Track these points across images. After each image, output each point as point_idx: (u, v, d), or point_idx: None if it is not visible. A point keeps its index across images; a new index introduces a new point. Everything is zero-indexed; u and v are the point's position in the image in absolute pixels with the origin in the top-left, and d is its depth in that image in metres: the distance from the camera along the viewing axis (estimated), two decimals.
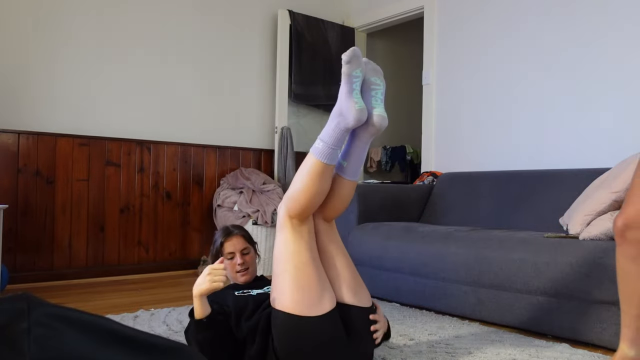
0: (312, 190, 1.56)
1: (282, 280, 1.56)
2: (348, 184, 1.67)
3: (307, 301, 1.51)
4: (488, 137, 3.53)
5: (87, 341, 0.55)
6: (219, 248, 1.85)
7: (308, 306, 1.51)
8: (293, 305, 1.51)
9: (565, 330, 2.03)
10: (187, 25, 3.94)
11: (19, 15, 3.25)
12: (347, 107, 1.51)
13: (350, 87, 1.52)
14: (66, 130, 3.41)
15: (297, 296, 1.51)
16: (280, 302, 1.53)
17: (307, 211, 1.60)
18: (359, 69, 1.53)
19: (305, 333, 1.50)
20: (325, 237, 1.70)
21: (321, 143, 1.57)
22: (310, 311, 1.50)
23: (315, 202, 1.59)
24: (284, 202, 1.62)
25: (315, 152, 1.56)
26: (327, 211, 1.70)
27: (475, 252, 2.33)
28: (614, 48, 2.91)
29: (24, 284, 3.20)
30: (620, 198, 2.14)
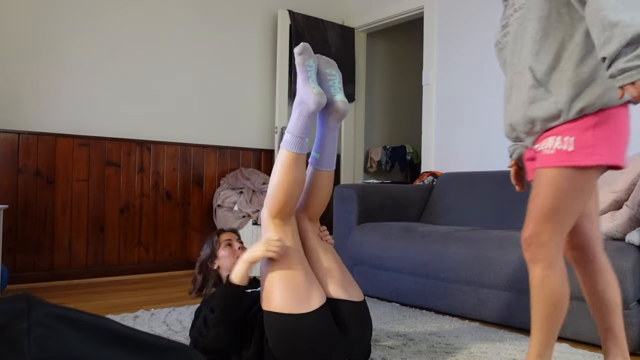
0: (287, 181, 1.62)
1: (270, 281, 1.58)
2: (325, 174, 1.75)
3: (296, 299, 1.53)
4: (488, 137, 3.53)
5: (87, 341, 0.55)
6: (216, 239, 1.92)
7: (297, 304, 1.52)
8: (283, 304, 1.52)
9: (566, 330, 2.03)
10: (187, 25, 3.94)
11: (19, 15, 3.25)
12: (306, 93, 1.63)
13: (305, 75, 1.66)
14: (66, 130, 3.41)
15: (286, 295, 1.53)
16: (270, 303, 1.55)
17: (287, 207, 1.63)
18: (311, 59, 1.69)
19: (297, 330, 1.51)
20: (312, 236, 1.74)
21: (288, 135, 1.65)
22: (300, 308, 1.52)
23: (293, 194, 1.64)
24: (265, 203, 1.67)
25: (285, 145, 1.65)
26: (310, 208, 1.76)
27: (475, 252, 2.33)
28: None
29: (24, 284, 3.20)
30: (620, 198, 2.14)
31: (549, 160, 1.35)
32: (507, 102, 1.46)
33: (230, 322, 1.55)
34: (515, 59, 1.41)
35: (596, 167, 1.31)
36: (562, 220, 1.36)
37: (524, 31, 1.38)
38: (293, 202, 1.65)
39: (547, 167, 1.36)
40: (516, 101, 1.42)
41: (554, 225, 1.36)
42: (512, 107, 1.43)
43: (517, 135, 1.47)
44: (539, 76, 1.35)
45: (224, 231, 1.98)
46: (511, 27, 1.43)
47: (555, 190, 1.35)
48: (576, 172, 1.31)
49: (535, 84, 1.36)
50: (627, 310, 1.87)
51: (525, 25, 1.38)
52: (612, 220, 2.08)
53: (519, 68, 1.40)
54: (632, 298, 1.86)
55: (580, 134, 1.30)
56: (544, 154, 1.38)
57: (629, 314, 1.86)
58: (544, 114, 1.34)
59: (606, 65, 1.18)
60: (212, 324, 1.53)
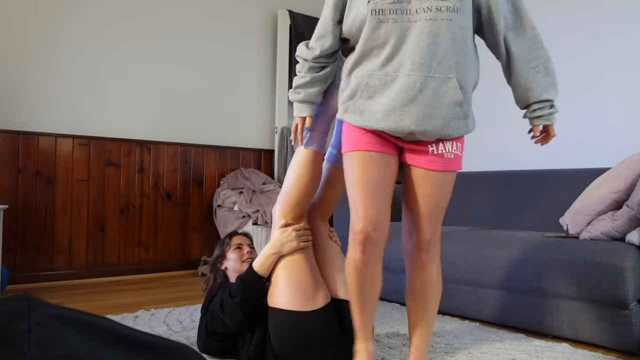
0: (304, 179, 1.64)
1: (277, 277, 1.60)
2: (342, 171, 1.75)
3: (302, 297, 1.54)
4: (488, 137, 3.53)
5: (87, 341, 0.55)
6: (227, 241, 1.96)
7: (302, 302, 1.54)
8: (287, 301, 1.54)
9: (565, 330, 2.03)
10: (187, 25, 3.94)
11: (19, 15, 3.25)
12: (331, 94, 1.67)
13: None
14: (66, 130, 3.41)
15: (292, 292, 1.55)
16: (275, 300, 1.56)
17: (300, 205, 1.65)
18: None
19: (300, 328, 1.52)
20: (322, 235, 1.75)
21: (309, 132, 1.67)
22: (304, 306, 1.54)
23: (309, 193, 1.65)
24: (278, 201, 1.68)
25: (305, 143, 1.67)
26: (324, 205, 1.77)
27: (475, 252, 2.33)
28: (614, 48, 2.91)
29: (24, 284, 3.20)
30: (620, 198, 2.14)
31: (451, 165, 1.46)
32: (410, 104, 1.33)
33: (247, 313, 1.59)
34: (432, 61, 1.32)
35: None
36: (442, 218, 1.52)
37: (453, 37, 1.32)
38: (307, 201, 1.67)
39: (450, 170, 1.45)
40: (432, 110, 1.34)
41: (440, 223, 1.51)
42: (424, 114, 1.34)
43: (411, 137, 1.41)
44: (466, 94, 1.38)
45: (237, 234, 2.02)
46: (432, 15, 1.30)
47: (450, 192, 1.49)
48: (456, 175, 1.50)
49: (462, 101, 1.37)
50: (627, 310, 1.87)
51: (455, 32, 1.32)
52: (612, 220, 2.08)
53: (439, 74, 1.32)
54: (632, 298, 1.86)
55: (462, 141, 1.50)
56: (445, 157, 1.44)
57: (629, 314, 1.86)
58: (459, 133, 1.42)
59: (548, 105, 1.50)
60: (229, 309, 1.58)
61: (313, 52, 1.53)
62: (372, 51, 1.38)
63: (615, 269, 1.87)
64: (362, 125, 1.42)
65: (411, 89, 1.33)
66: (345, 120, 1.47)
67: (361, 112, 1.42)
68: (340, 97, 1.49)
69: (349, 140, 1.46)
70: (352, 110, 1.44)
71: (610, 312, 1.91)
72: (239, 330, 1.63)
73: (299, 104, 1.59)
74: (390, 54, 1.35)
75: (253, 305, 1.60)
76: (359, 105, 1.42)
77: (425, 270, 1.50)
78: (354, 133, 1.45)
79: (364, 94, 1.40)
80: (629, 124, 2.84)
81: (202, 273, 3.66)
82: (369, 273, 1.43)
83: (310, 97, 1.57)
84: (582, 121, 3.03)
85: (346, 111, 1.45)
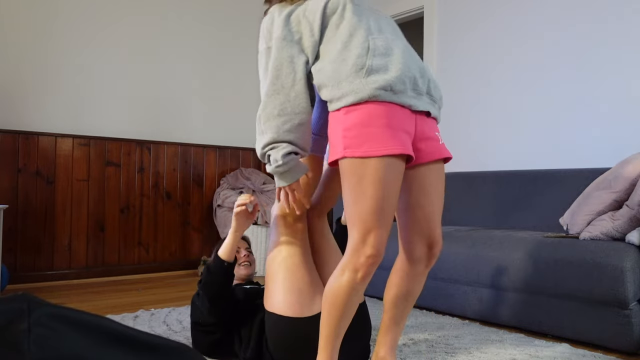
0: (304, 180, 1.57)
1: (275, 283, 1.57)
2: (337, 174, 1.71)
3: (300, 303, 1.52)
4: (488, 137, 3.53)
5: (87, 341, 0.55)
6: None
7: (300, 307, 1.52)
8: (286, 307, 1.52)
9: (565, 330, 2.03)
10: (187, 25, 3.94)
11: (19, 15, 3.25)
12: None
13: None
14: (66, 130, 3.41)
15: (290, 298, 1.53)
16: (273, 304, 1.55)
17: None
18: None
19: (298, 334, 1.51)
20: (319, 234, 1.72)
21: (312, 136, 1.61)
22: (302, 312, 1.52)
23: (308, 194, 1.61)
24: (277, 201, 1.63)
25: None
26: (324, 203, 1.73)
27: (475, 252, 2.33)
28: (615, 47, 2.91)
29: (24, 284, 3.20)
30: (620, 198, 2.14)
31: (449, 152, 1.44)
32: (410, 56, 1.36)
33: (212, 298, 1.61)
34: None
35: None
36: None
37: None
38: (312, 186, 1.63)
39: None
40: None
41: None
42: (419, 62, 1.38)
43: (421, 90, 1.36)
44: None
45: None
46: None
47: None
48: None
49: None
50: (627, 310, 1.87)
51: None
52: (612, 220, 2.08)
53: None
54: (632, 298, 1.86)
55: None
56: (443, 144, 1.43)
57: (629, 314, 1.86)
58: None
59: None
60: (199, 296, 1.64)
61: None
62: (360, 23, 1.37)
63: (615, 269, 1.87)
64: (388, 83, 1.27)
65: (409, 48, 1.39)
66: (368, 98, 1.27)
67: (385, 69, 1.29)
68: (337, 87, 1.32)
69: (367, 136, 1.26)
70: (374, 71, 1.28)
71: (610, 312, 1.91)
72: (216, 320, 1.63)
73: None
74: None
75: (218, 290, 1.62)
76: (377, 63, 1.29)
77: (425, 276, 1.47)
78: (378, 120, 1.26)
79: (377, 53, 1.30)
80: (629, 123, 2.84)
81: (202, 273, 3.66)
82: (362, 290, 1.33)
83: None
84: (582, 121, 3.03)
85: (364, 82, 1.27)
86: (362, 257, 1.25)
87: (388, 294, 1.50)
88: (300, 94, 1.38)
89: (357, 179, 1.25)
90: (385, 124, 1.27)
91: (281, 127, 1.37)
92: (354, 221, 1.27)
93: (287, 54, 1.38)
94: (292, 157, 1.39)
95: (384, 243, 1.26)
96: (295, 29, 1.39)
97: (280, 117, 1.37)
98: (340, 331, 1.35)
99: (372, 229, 1.24)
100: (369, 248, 1.24)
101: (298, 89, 1.38)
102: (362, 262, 1.25)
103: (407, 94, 1.32)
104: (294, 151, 1.40)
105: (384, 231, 1.25)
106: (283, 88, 1.38)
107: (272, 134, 1.37)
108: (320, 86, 1.37)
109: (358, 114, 1.27)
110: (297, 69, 1.38)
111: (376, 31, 1.36)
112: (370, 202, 1.24)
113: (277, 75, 1.38)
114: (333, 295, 1.31)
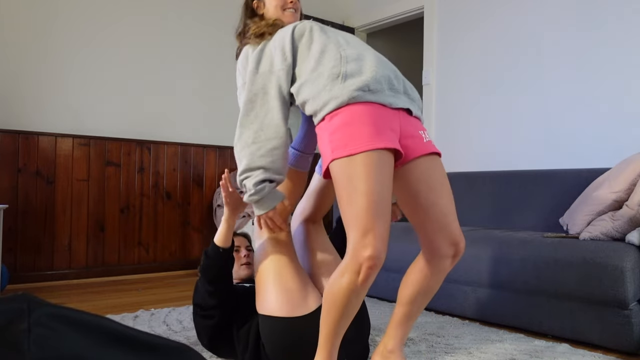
0: (286, 194, 1.62)
1: (265, 285, 1.58)
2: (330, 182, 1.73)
3: (292, 302, 1.53)
4: (488, 137, 3.53)
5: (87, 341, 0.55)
6: None
7: (293, 307, 1.52)
8: (278, 308, 1.52)
9: (565, 330, 2.03)
10: (187, 24, 3.94)
11: (19, 15, 3.25)
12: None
13: None
14: (66, 130, 3.41)
15: (281, 299, 1.53)
16: (265, 307, 1.55)
17: (282, 215, 1.65)
18: None
19: (293, 334, 1.51)
20: (314, 237, 1.74)
21: (292, 150, 1.64)
22: (295, 312, 1.52)
23: (290, 205, 1.65)
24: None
25: (292, 162, 1.65)
26: (318, 212, 1.76)
27: (475, 252, 2.33)
28: (615, 47, 2.91)
29: (24, 284, 3.20)
30: (620, 198, 2.14)
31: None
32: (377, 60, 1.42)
33: (211, 281, 1.61)
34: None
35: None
36: None
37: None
38: (290, 211, 1.67)
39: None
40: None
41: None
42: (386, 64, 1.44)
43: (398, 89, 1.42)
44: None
45: (235, 235, 1.99)
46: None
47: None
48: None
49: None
50: (627, 310, 1.87)
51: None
52: (612, 221, 2.08)
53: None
54: (632, 298, 1.86)
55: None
56: (430, 141, 1.44)
57: (629, 314, 1.86)
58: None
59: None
60: (199, 281, 1.65)
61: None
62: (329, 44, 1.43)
63: (615, 269, 1.87)
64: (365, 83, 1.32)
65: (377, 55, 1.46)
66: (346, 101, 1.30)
67: (360, 72, 1.35)
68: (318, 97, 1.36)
69: (351, 134, 1.28)
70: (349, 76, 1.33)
71: (610, 312, 1.91)
72: (216, 302, 1.64)
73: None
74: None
75: (217, 273, 1.63)
76: (351, 68, 1.35)
77: (445, 274, 1.46)
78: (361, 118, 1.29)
79: (350, 59, 1.37)
80: (629, 124, 2.84)
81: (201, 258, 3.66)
82: (363, 293, 1.30)
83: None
84: (582, 121, 3.03)
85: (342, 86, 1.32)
86: (362, 259, 1.22)
87: (406, 291, 1.50)
88: (273, 121, 1.44)
89: (348, 179, 1.26)
90: (369, 122, 1.29)
91: (255, 153, 1.42)
92: (350, 223, 1.25)
93: (260, 85, 1.45)
94: (264, 185, 1.44)
95: (384, 242, 1.24)
96: (268, 61, 1.46)
97: (254, 144, 1.43)
98: (340, 330, 1.35)
99: (370, 228, 1.22)
100: (368, 249, 1.22)
101: (271, 116, 1.44)
102: (363, 264, 1.23)
103: (385, 93, 1.36)
104: (268, 178, 1.44)
105: (382, 230, 1.24)
106: (257, 117, 1.44)
107: (247, 160, 1.43)
108: (303, 104, 1.41)
109: (341, 116, 1.31)
110: (270, 98, 1.44)
111: (345, 44, 1.42)
112: (364, 200, 1.23)
113: (252, 106, 1.45)
114: (333, 297, 1.30)
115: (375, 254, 1.22)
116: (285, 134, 1.45)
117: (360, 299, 1.31)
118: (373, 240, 1.22)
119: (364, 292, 1.29)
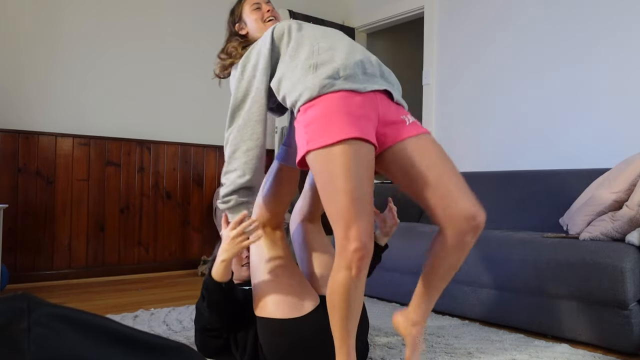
0: (282, 194, 1.65)
1: (261, 288, 1.58)
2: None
3: (287, 304, 1.53)
4: (488, 137, 3.53)
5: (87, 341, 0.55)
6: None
7: (289, 309, 1.52)
8: (275, 310, 1.52)
9: (565, 330, 2.03)
10: (187, 24, 3.94)
11: (18, 15, 3.25)
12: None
13: None
14: (66, 130, 3.41)
15: (278, 301, 1.53)
16: (263, 309, 1.55)
17: (278, 216, 1.65)
18: None
19: (290, 335, 1.51)
20: (312, 237, 1.75)
21: (283, 147, 1.65)
22: (292, 313, 1.52)
23: (284, 205, 1.66)
24: (254, 212, 1.67)
25: (279, 157, 1.66)
26: (315, 211, 1.76)
27: (475, 252, 2.33)
28: (615, 47, 2.91)
29: (24, 283, 3.20)
30: (620, 198, 2.14)
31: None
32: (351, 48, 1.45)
33: (220, 312, 1.58)
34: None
35: None
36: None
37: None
38: (283, 212, 1.69)
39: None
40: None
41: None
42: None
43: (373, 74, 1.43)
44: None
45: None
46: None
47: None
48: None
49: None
50: (626, 310, 1.87)
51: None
52: (612, 221, 2.08)
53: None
54: (632, 298, 1.86)
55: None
56: (415, 122, 1.46)
57: (629, 314, 1.86)
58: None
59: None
60: (203, 310, 1.60)
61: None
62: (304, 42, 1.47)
63: (615, 270, 1.87)
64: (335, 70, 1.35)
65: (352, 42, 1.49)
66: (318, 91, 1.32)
67: (332, 60, 1.38)
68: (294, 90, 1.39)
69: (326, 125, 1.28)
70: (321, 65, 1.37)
71: (610, 313, 1.91)
72: (222, 325, 1.60)
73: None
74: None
75: (220, 306, 1.57)
76: (322, 58, 1.38)
77: (469, 248, 1.37)
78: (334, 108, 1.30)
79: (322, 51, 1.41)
80: (629, 124, 2.84)
81: (202, 273, 3.66)
82: (361, 285, 1.30)
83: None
84: (582, 121, 3.03)
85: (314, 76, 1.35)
86: (350, 253, 1.25)
87: (428, 261, 1.43)
88: (249, 122, 1.48)
89: (327, 176, 1.27)
90: (344, 111, 1.30)
91: (231, 155, 1.49)
92: (333, 219, 1.28)
93: (242, 91, 1.52)
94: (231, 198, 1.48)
95: (368, 233, 1.26)
96: (251, 65, 1.52)
97: (231, 146, 1.50)
98: (351, 329, 1.35)
99: (352, 222, 1.24)
100: (353, 243, 1.24)
101: (248, 117, 1.49)
102: (351, 258, 1.25)
103: (359, 78, 1.37)
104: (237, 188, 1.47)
105: (365, 222, 1.25)
106: (238, 121, 1.51)
107: (225, 164, 1.50)
108: (283, 99, 1.45)
109: (316, 107, 1.32)
110: (248, 101, 1.50)
111: (320, 37, 1.45)
112: (344, 197, 1.24)
113: (233, 112, 1.52)
114: (333, 296, 1.31)
115: (361, 246, 1.24)
116: (262, 138, 1.49)
117: (361, 291, 1.32)
118: (357, 233, 1.24)
119: (361, 284, 1.30)
